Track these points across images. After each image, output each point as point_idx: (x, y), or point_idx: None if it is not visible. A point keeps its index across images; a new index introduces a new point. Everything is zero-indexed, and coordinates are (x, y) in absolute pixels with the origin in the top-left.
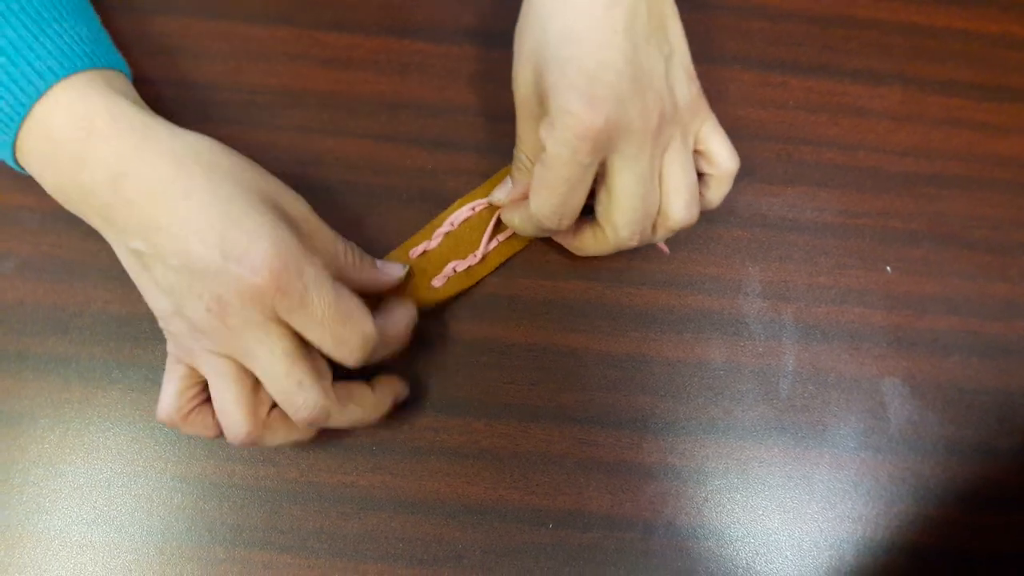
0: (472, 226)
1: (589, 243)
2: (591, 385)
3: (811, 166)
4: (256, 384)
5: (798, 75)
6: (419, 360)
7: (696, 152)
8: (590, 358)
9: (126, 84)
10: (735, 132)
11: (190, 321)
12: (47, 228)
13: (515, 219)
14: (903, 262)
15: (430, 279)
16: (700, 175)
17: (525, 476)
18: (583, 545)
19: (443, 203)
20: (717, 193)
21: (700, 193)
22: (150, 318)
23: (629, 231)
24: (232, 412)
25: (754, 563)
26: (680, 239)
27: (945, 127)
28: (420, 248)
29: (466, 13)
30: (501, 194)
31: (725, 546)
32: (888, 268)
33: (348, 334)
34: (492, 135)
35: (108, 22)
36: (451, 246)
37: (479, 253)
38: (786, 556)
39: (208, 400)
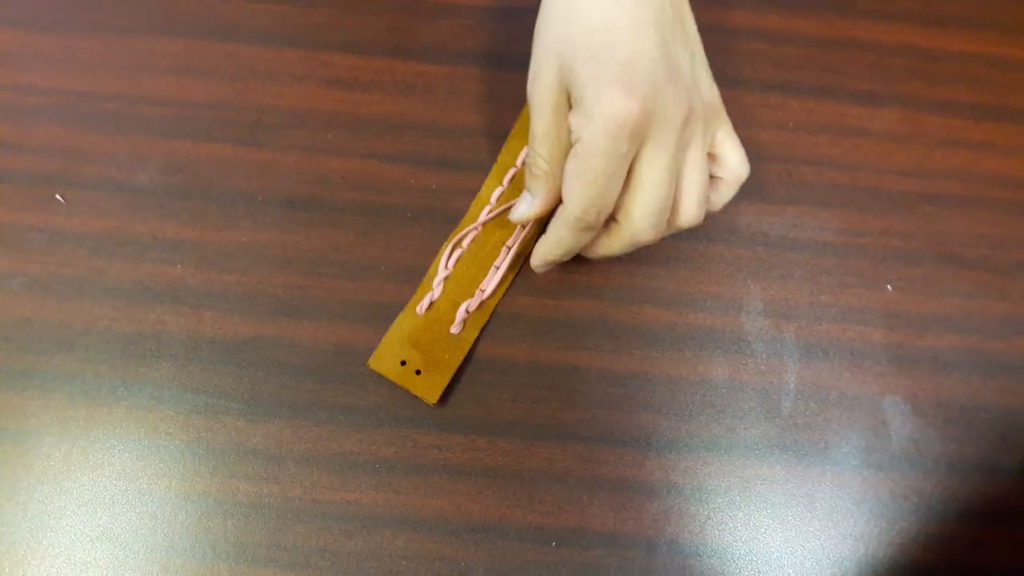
0: (470, 260)
1: (603, 241)
2: (594, 403)
3: (812, 186)
4: None
5: (798, 96)
6: None
7: (708, 155)
8: (593, 376)
9: None
10: None
11: None
12: (54, 247)
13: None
14: (904, 281)
15: (446, 328)
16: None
17: (528, 494)
18: (586, 563)
19: (446, 222)
20: (723, 197)
21: None
22: (155, 336)
23: (648, 223)
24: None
25: None
26: (681, 257)
27: (944, 147)
28: (425, 302)
29: (469, 35)
30: (525, 208)
31: (727, 564)
32: (889, 287)
33: None
34: (495, 155)
35: (116, 42)
36: (455, 288)
37: (487, 286)
38: (788, 574)
39: None
